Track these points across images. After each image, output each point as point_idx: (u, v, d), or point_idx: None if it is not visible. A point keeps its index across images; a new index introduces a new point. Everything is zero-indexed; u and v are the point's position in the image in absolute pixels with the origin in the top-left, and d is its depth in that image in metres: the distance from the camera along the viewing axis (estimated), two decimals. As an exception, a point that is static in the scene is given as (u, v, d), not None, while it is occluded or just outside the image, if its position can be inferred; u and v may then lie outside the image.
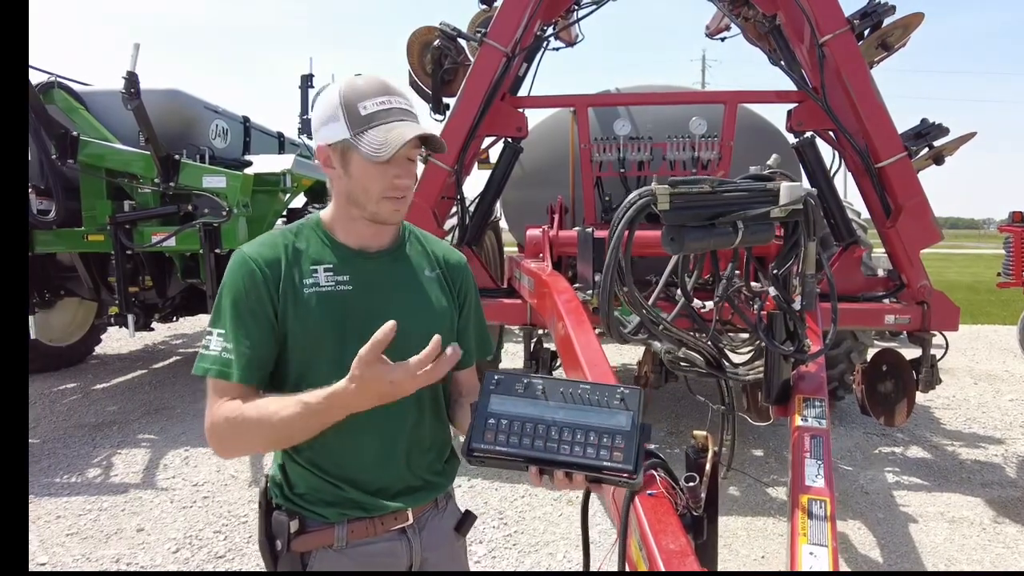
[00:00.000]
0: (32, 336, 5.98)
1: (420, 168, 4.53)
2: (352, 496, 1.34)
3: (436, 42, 4.46)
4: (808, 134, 4.29)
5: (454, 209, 4.63)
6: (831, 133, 4.23)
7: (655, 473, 1.87)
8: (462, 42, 4.56)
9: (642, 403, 1.22)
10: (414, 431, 1.39)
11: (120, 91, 4.88)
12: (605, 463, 1.17)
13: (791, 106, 4.37)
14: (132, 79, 4.83)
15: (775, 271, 2.32)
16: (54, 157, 5.23)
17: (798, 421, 2.26)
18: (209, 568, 3.16)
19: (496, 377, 1.25)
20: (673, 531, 1.27)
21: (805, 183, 4.53)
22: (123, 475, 4.24)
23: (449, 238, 4.50)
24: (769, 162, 2.35)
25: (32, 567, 3.16)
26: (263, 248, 1.33)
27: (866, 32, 4.06)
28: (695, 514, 1.69)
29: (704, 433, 1.92)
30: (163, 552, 3.29)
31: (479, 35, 4.21)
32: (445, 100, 4.58)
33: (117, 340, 8.08)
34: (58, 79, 5.63)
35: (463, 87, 4.23)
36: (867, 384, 3.87)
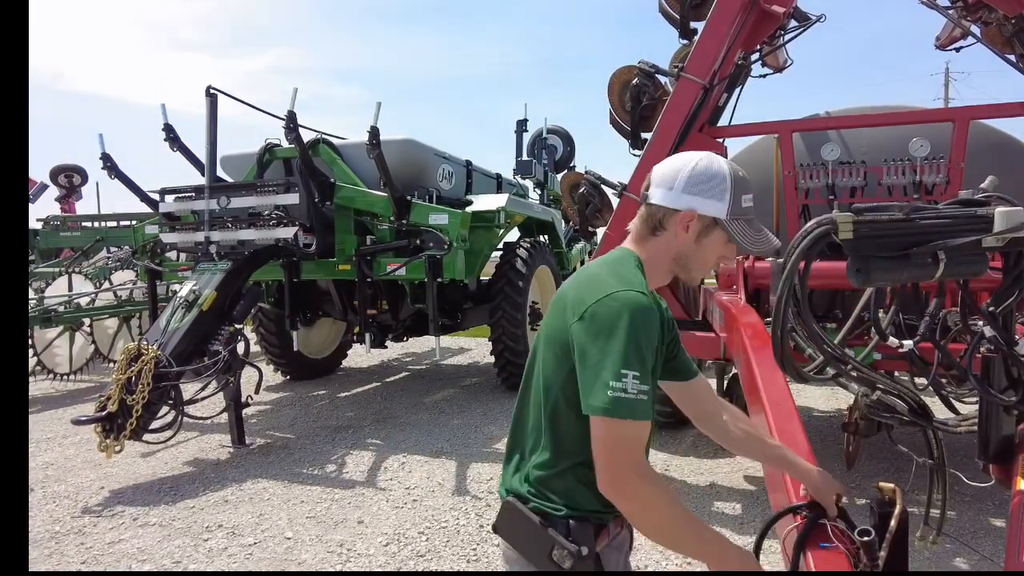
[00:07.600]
0: (295, 348, 7.20)
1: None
2: None
3: (635, 80, 4.59)
4: (1066, 149, 3.63)
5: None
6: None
7: (828, 523, 1.76)
8: (661, 78, 4.64)
9: None
10: None
11: (364, 143, 5.75)
12: None
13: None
14: (374, 132, 5.66)
15: (991, 308, 2.06)
16: (316, 200, 6.30)
17: (1021, 485, 1.96)
18: (411, 564, 3.52)
19: None
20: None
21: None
22: (352, 473, 4.89)
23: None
24: (983, 184, 2.10)
25: (279, 541, 3.78)
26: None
27: None
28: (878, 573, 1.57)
29: (891, 486, 1.77)
30: (375, 544, 3.73)
31: (676, 70, 4.26)
32: (643, 136, 4.68)
33: (359, 356, 9.30)
34: (322, 136, 6.79)
35: (659, 121, 4.29)
36: None
